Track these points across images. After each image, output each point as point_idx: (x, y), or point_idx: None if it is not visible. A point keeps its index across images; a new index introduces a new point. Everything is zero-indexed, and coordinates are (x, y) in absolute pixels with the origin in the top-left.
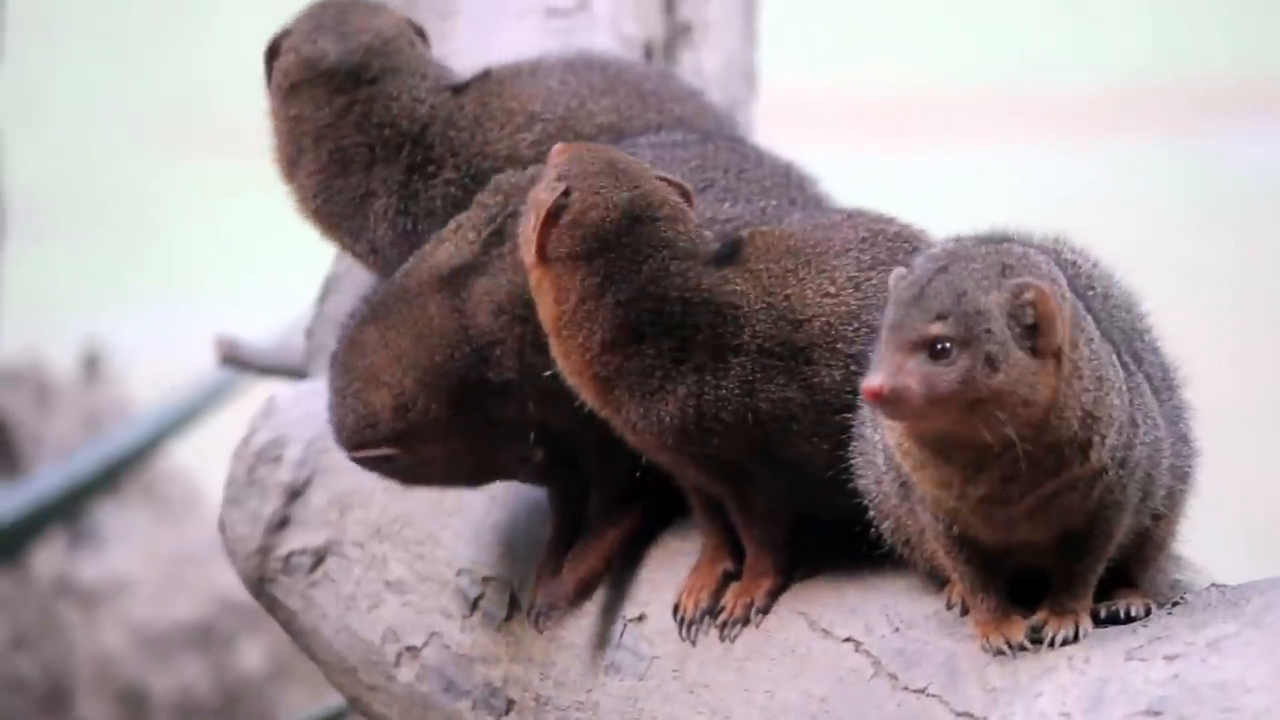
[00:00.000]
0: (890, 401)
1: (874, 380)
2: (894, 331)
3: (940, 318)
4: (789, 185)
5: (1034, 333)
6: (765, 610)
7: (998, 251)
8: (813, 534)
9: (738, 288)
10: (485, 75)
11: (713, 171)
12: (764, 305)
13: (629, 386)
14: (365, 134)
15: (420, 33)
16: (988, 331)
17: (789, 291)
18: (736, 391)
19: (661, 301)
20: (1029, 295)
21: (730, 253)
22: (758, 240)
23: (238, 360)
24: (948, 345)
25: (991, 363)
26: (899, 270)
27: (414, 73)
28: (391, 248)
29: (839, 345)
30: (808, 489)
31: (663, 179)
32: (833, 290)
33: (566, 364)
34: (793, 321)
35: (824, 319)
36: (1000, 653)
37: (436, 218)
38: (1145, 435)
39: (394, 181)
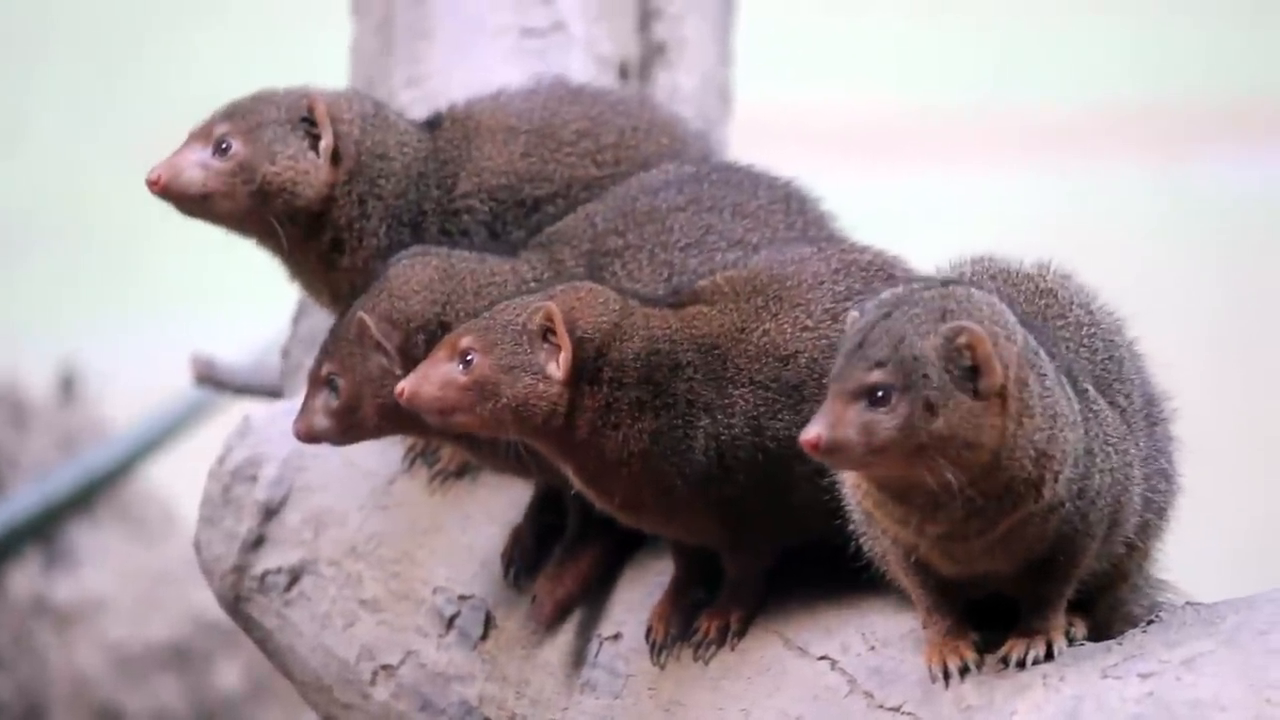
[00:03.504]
0: (829, 452)
1: (810, 432)
2: (835, 380)
3: (879, 365)
4: (788, 210)
5: (975, 375)
6: (741, 634)
7: (941, 296)
8: (789, 553)
9: (707, 326)
10: (447, 111)
11: (708, 214)
12: (738, 340)
13: (660, 452)
14: (408, 166)
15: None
16: (925, 377)
17: (765, 327)
18: (746, 430)
19: (654, 355)
20: (964, 339)
21: (689, 299)
22: (719, 283)
23: (213, 380)
24: (886, 393)
25: (930, 408)
26: (851, 314)
27: (397, 115)
28: None
29: (825, 380)
30: (804, 523)
31: None
32: (810, 324)
33: (599, 465)
34: (779, 358)
35: (807, 354)
36: (936, 680)
37: (470, 235)
38: (1104, 464)
39: (431, 199)
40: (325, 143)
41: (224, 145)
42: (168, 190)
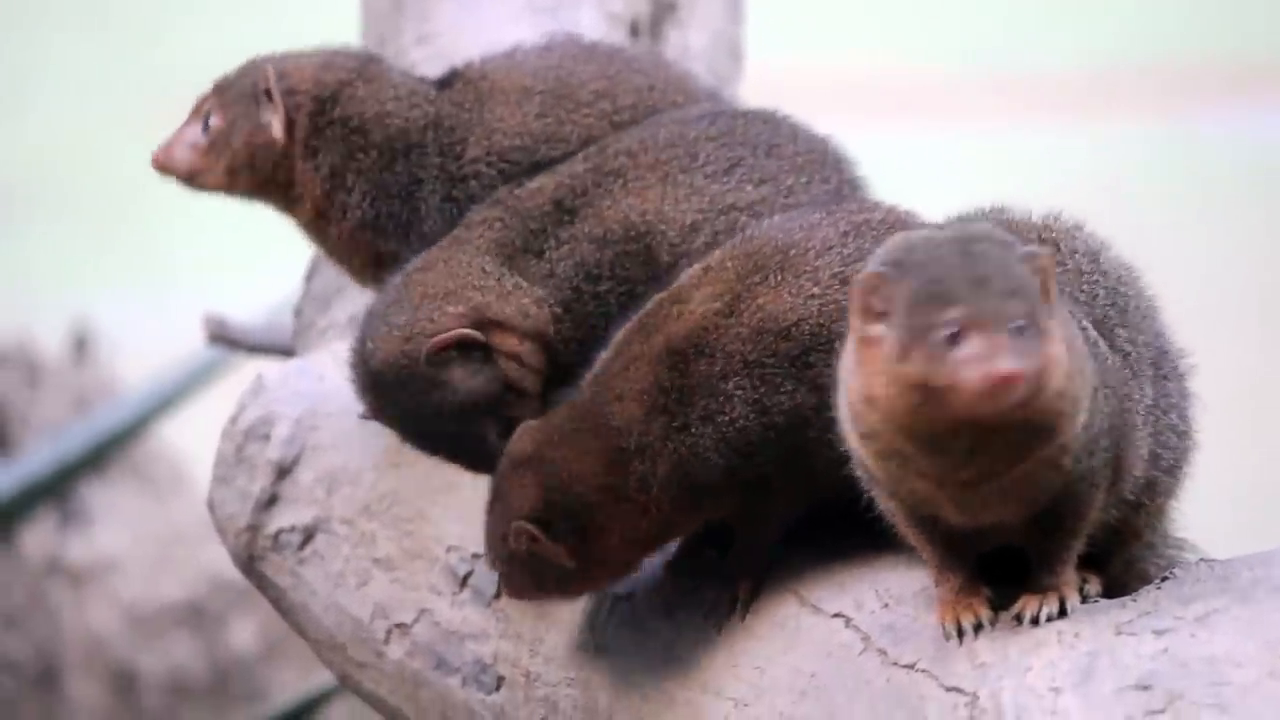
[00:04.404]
0: (1010, 385)
1: (1003, 365)
2: (976, 315)
3: (1013, 295)
4: (824, 163)
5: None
6: (749, 605)
7: (991, 226)
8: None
9: (687, 324)
10: (463, 69)
11: (740, 148)
12: (725, 325)
13: (675, 489)
14: (393, 139)
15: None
16: (1035, 305)
17: (759, 302)
18: (751, 414)
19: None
20: (1041, 262)
21: (661, 307)
22: (721, 260)
23: (226, 339)
24: (1023, 323)
25: (1045, 335)
26: (875, 271)
27: (395, 81)
28: (441, 234)
29: (835, 342)
30: (825, 484)
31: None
32: (817, 291)
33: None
34: (775, 333)
35: (812, 320)
36: (950, 638)
37: (478, 201)
38: (1104, 405)
39: (433, 166)
40: (275, 116)
41: (208, 121)
42: (165, 171)
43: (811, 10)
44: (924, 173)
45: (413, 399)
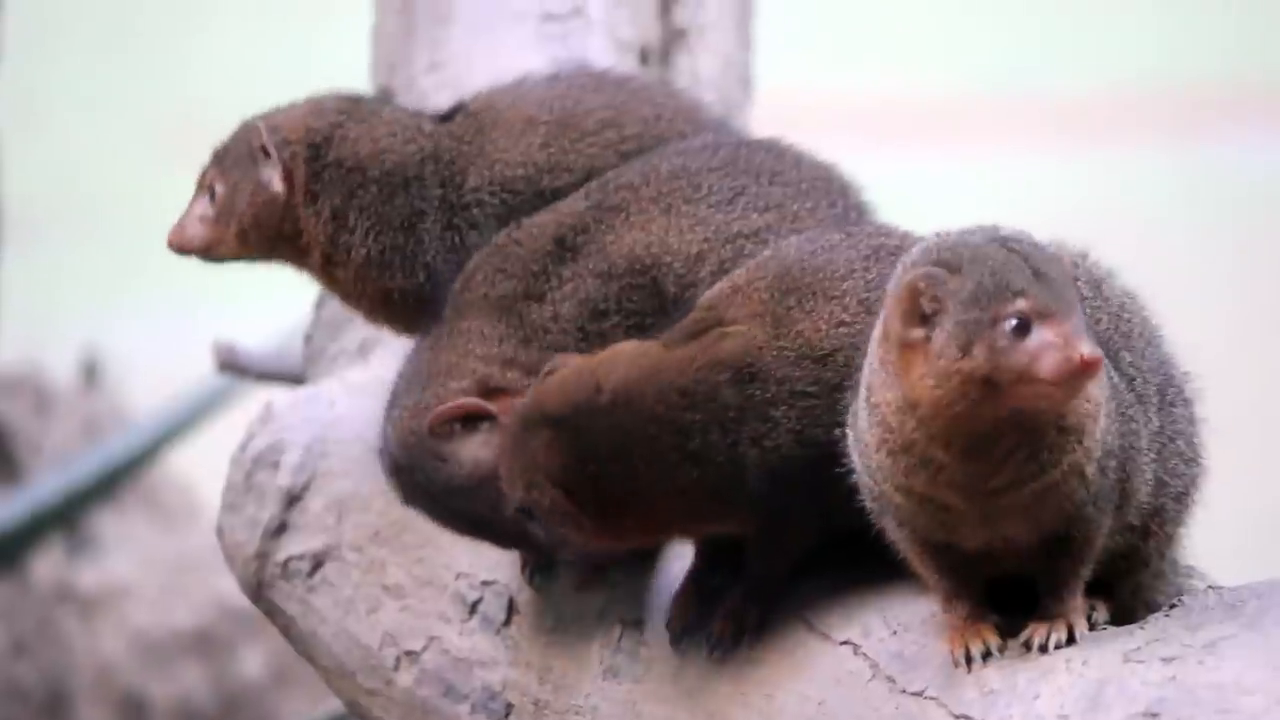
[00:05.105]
0: (1092, 373)
1: (1085, 350)
2: (1043, 305)
3: (1067, 288)
4: (829, 189)
5: None
6: (756, 635)
7: (1018, 234)
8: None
9: (737, 344)
10: (468, 101)
11: (743, 177)
12: (776, 351)
13: (707, 501)
14: (391, 174)
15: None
16: (1080, 301)
17: (799, 328)
18: (793, 443)
19: (691, 406)
20: (1067, 264)
21: (709, 320)
22: (750, 280)
23: (236, 366)
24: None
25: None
26: (924, 271)
27: (387, 118)
28: (444, 265)
29: (854, 375)
30: (840, 512)
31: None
32: (846, 318)
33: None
34: (815, 359)
35: (845, 352)
36: (958, 665)
37: (480, 230)
38: (1114, 424)
39: (434, 197)
40: (274, 171)
41: (212, 192)
42: (181, 250)
43: (821, 36)
44: (934, 197)
45: (426, 477)
